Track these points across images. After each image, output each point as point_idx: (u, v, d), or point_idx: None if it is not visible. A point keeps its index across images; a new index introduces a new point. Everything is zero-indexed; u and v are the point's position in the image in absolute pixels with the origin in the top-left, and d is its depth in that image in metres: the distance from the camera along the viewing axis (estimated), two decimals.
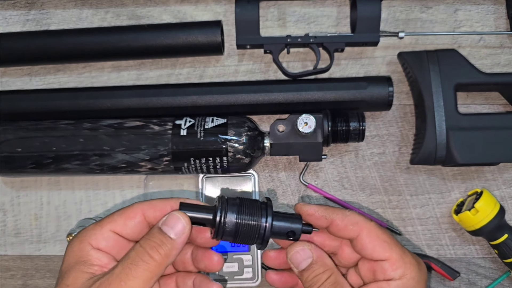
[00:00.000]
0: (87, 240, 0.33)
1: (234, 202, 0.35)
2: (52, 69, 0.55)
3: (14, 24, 0.55)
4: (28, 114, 0.51)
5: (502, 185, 0.52)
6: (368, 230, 0.36)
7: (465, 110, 0.53)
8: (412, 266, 0.35)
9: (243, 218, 0.34)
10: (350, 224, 0.36)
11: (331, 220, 0.36)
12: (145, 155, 0.47)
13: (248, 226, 0.34)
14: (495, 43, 0.53)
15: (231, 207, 0.35)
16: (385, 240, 0.35)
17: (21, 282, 0.55)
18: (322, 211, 0.36)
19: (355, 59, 0.53)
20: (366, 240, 0.35)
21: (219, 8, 0.54)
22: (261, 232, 0.34)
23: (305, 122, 0.47)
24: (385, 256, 0.35)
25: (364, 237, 0.36)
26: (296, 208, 0.38)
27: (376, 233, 0.36)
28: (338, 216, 0.36)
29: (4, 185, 0.55)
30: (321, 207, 0.37)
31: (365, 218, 0.36)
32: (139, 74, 0.54)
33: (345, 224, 0.36)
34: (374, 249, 0.35)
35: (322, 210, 0.36)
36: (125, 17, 0.54)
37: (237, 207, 0.35)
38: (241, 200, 0.36)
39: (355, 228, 0.36)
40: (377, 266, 0.35)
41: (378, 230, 0.36)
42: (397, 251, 0.35)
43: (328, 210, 0.37)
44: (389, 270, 0.35)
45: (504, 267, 0.52)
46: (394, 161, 0.53)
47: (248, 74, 0.54)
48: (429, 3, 0.53)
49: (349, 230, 0.36)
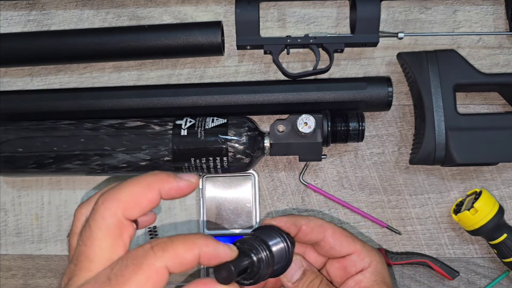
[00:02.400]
0: None
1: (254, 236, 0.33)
2: (53, 70, 0.55)
3: (15, 24, 0.55)
4: (29, 114, 0.51)
5: (501, 185, 0.52)
6: (332, 229, 0.38)
7: (464, 110, 0.53)
8: (373, 252, 0.38)
9: (274, 244, 0.33)
10: (315, 226, 0.38)
11: (299, 226, 0.37)
12: (146, 155, 0.47)
13: (280, 250, 0.34)
14: (494, 44, 0.53)
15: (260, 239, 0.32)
16: (347, 235, 0.38)
17: (22, 281, 0.55)
18: (290, 220, 0.38)
19: (355, 60, 0.53)
20: (332, 238, 0.38)
21: (219, 8, 0.54)
22: (287, 251, 0.34)
23: (305, 122, 0.48)
24: (351, 249, 0.38)
25: (329, 236, 0.38)
26: (265, 224, 0.38)
27: (339, 231, 0.38)
28: (304, 221, 0.38)
29: (5, 184, 0.55)
30: (288, 217, 0.38)
31: (326, 221, 0.39)
32: (140, 75, 0.54)
33: (311, 227, 0.38)
34: (341, 245, 0.38)
35: (290, 219, 0.38)
36: (125, 18, 0.54)
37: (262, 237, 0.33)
38: (253, 233, 0.34)
39: (320, 229, 0.38)
40: (347, 262, 0.38)
41: (340, 228, 0.39)
42: (359, 243, 0.38)
43: (294, 217, 0.38)
44: (358, 261, 0.37)
45: (503, 267, 0.52)
46: (394, 161, 0.53)
47: (248, 74, 0.54)
48: (428, 3, 0.53)
49: (315, 232, 0.38)
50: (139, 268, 0.26)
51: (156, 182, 0.29)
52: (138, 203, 0.28)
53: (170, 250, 0.27)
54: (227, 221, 0.52)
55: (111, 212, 0.27)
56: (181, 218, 0.54)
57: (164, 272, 0.26)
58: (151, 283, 0.26)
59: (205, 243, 0.28)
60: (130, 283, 0.25)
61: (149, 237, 0.53)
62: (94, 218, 0.27)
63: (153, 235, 0.53)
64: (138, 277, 0.26)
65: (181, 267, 0.27)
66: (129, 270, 0.26)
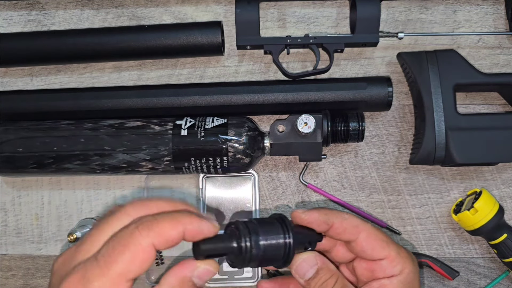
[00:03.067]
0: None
1: (253, 225, 0.32)
2: (53, 70, 0.55)
3: (15, 24, 0.55)
4: (29, 114, 0.51)
5: (501, 185, 0.52)
6: (367, 232, 0.36)
7: (464, 110, 0.53)
8: (408, 260, 0.36)
9: (268, 239, 0.32)
10: (350, 227, 0.36)
11: (331, 224, 0.36)
12: (146, 155, 0.47)
13: (274, 246, 0.32)
14: (494, 44, 0.53)
15: (253, 230, 0.32)
16: (382, 239, 0.36)
17: (22, 281, 0.55)
18: (322, 217, 0.36)
19: (355, 60, 0.53)
20: (365, 242, 0.36)
21: (219, 8, 0.54)
22: (287, 249, 0.33)
23: (305, 122, 0.48)
24: (383, 255, 0.36)
25: (363, 239, 0.36)
26: (294, 217, 0.36)
27: (375, 234, 0.36)
28: (338, 219, 0.36)
29: (5, 184, 0.55)
30: (320, 213, 0.36)
31: (362, 221, 0.37)
32: (140, 75, 0.54)
33: (344, 227, 0.36)
34: (373, 250, 0.36)
35: (322, 216, 0.36)
36: (125, 18, 0.54)
37: (260, 229, 0.32)
38: (259, 221, 0.33)
39: (354, 230, 0.36)
40: (376, 265, 0.36)
41: (376, 230, 0.37)
42: (394, 248, 0.36)
43: (328, 214, 0.36)
44: (388, 268, 0.36)
45: (503, 267, 0.52)
46: (394, 161, 0.53)
47: (248, 74, 0.54)
48: (428, 3, 0.53)
49: (348, 233, 0.36)
50: (126, 248, 0.27)
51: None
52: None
53: (155, 229, 0.28)
54: (227, 221, 0.52)
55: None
56: None
57: (150, 250, 0.27)
58: (138, 261, 0.27)
59: (189, 220, 0.29)
60: (117, 263, 0.26)
61: None
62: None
63: None
64: (125, 256, 0.27)
65: (166, 244, 0.28)
66: (116, 251, 0.27)
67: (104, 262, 0.27)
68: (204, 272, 0.30)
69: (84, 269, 0.27)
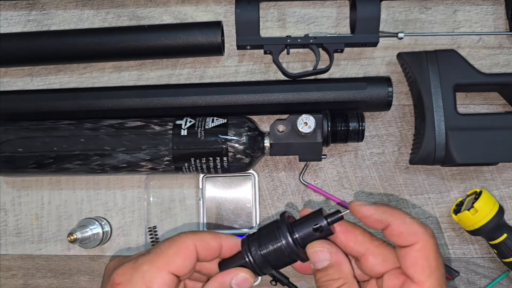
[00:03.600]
0: (146, 284, 0.31)
1: (253, 237, 0.34)
2: (53, 70, 0.55)
3: (15, 24, 0.55)
4: (29, 114, 0.51)
5: (501, 185, 0.52)
6: (422, 245, 0.32)
7: (464, 110, 0.53)
8: None
9: (265, 248, 0.33)
10: (407, 233, 0.32)
11: (386, 224, 0.33)
12: (146, 155, 0.47)
13: (274, 252, 0.33)
14: (494, 44, 0.53)
15: (251, 243, 0.33)
16: (429, 265, 0.32)
17: (22, 281, 0.55)
18: (379, 214, 0.33)
19: (355, 60, 0.53)
20: (413, 254, 0.32)
21: (219, 9, 0.54)
22: (288, 250, 0.33)
23: (305, 122, 0.48)
24: (419, 279, 0.31)
25: (413, 250, 0.32)
26: (352, 208, 0.34)
27: (427, 253, 0.32)
28: (396, 221, 0.32)
29: (5, 184, 0.55)
30: (379, 209, 0.33)
31: (424, 230, 0.32)
32: (140, 75, 0.54)
33: (401, 232, 0.32)
34: (414, 267, 0.32)
35: (379, 213, 0.33)
36: (125, 18, 0.54)
37: (257, 241, 0.33)
38: (259, 231, 0.34)
39: (410, 238, 0.32)
40: (404, 286, 0.32)
41: (431, 250, 0.32)
42: (432, 282, 0.31)
43: (386, 213, 0.33)
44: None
45: (503, 267, 0.52)
46: (394, 161, 0.53)
47: (248, 74, 0.54)
48: (428, 3, 0.53)
49: (403, 239, 0.32)
50: (173, 243, 0.32)
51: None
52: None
53: (199, 235, 0.33)
54: (227, 221, 0.52)
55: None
56: (181, 218, 0.54)
57: (192, 249, 0.32)
58: (181, 256, 0.32)
59: (226, 236, 0.34)
60: (165, 254, 0.32)
61: (149, 237, 0.53)
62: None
63: (153, 235, 0.53)
64: (172, 250, 0.32)
65: (206, 251, 0.33)
66: (165, 245, 0.32)
67: (154, 253, 0.32)
68: (242, 280, 0.33)
69: (136, 258, 0.32)
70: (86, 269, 0.55)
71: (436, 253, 0.32)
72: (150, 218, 0.54)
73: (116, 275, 0.32)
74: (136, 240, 0.54)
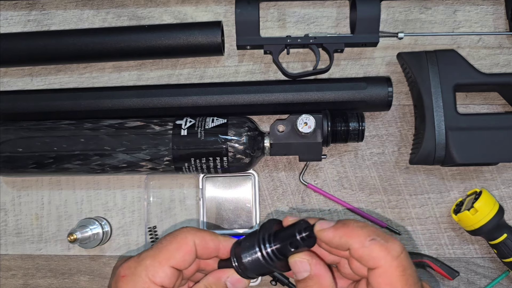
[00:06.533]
0: (148, 277, 0.33)
1: (239, 244, 0.34)
2: (53, 70, 0.55)
3: (15, 24, 0.55)
4: (29, 114, 0.51)
5: (501, 185, 0.52)
6: (384, 270, 0.30)
7: (464, 110, 0.53)
8: None
9: (247, 256, 0.33)
10: (367, 258, 0.30)
11: (347, 247, 0.31)
12: (146, 155, 0.47)
13: (254, 261, 0.33)
14: (494, 44, 0.53)
15: (237, 249, 0.34)
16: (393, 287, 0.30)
17: (22, 281, 0.55)
18: (337, 239, 0.31)
19: (355, 60, 0.53)
20: (376, 280, 0.30)
21: (219, 9, 0.54)
22: (264, 262, 0.32)
23: (304, 122, 0.48)
24: None
25: (375, 275, 0.30)
26: (316, 233, 0.33)
27: (390, 278, 0.30)
28: (355, 245, 0.31)
29: (5, 184, 0.55)
30: (338, 231, 0.31)
31: (385, 253, 0.30)
32: (140, 75, 0.54)
33: (360, 256, 0.31)
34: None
35: (338, 237, 0.31)
36: (125, 18, 0.54)
37: (240, 248, 0.33)
38: (245, 238, 0.34)
39: (371, 263, 0.30)
40: None
41: (394, 274, 0.30)
42: None
43: (345, 236, 0.31)
44: None
45: (503, 267, 0.52)
46: (394, 161, 0.53)
47: (248, 74, 0.54)
48: (428, 4, 0.53)
49: (364, 263, 0.31)
50: (174, 239, 0.34)
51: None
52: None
53: (199, 233, 0.35)
54: (227, 221, 0.52)
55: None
56: (181, 218, 0.54)
57: (192, 245, 0.34)
58: (182, 251, 0.33)
59: (224, 238, 0.36)
60: (166, 249, 0.33)
61: (149, 237, 0.53)
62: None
63: (153, 235, 0.53)
64: (173, 245, 0.34)
65: (205, 249, 0.34)
66: (167, 240, 0.34)
67: (157, 248, 0.34)
68: (236, 280, 0.35)
69: (140, 254, 0.34)
70: (86, 269, 0.55)
71: (401, 275, 0.30)
72: (150, 218, 0.54)
73: (121, 268, 0.34)
74: (136, 240, 0.54)
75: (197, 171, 0.49)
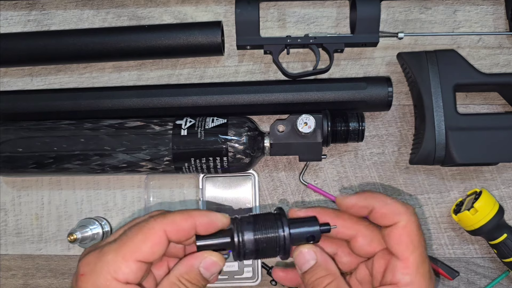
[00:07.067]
0: (110, 274, 0.30)
1: (248, 220, 0.34)
2: (53, 70, 0.55)
3: (15, 24, 0.55)
4: (29, 114, 0.51)
5: (501, 185, 0.52)
6: (405, 223, 0.33)
7: (464, 110, 0.53)
8: (423, 278, 0.33)
9: (261, 233, 0.33)
10: (390, 213, 0.34)
11: (371, 208, 0.34)
12: (146, 155, 0.47)
13: (267, 240, 0.33)
14: (494, 44, 0.53)
15: (246, 225, 0.33)
16: (412, 241, 0.33)
17: (22, 281, 0.55)
18: (361, 201, 0.35)
19: (355, 60, 0.53)
20: (397, 232, 0.33)
21: (219, 8, 0.54)
22: (281, 243, 0.33)
23: (304, 122, 0.48)
24: (403, 255, 0.33)
25: (397, 228, 0.33)
26: (338, 203, 0.36)
27: (409, 230, 0.33)
28: (378, 204, 0.34)
29: (5, 184, 0.55)
30: (361, 196, 0.35)
31: (405, 209, 0.34)
32: (140, 75, 0.54)
33: (384, 212, 0.34)
34: (398, 244, 0.33)
35: (361, 200, 0.35)
36: (125, 18, 0.54)
37: (252, 225, 0.34)
38: (255, 216, 0.35)
39: (393, 218, 0.34)
40: (390, 264, 0.34)
41: (413, 227, 0.33)
42: (416, 257, 0.33)
43: (368, 198, 0.35)
44: (399, 272, 0.33)
45: (503, 267, 0.52)
46: (394, 161, 0.53)
47: (248, 74, 0.54)
48: (428, 3, 0.53)
49: (386, 219, 0.34)
50: (140, 230, 0.31)
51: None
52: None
53: (169, 218, 0.32)
54: None
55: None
56: None
57: (162, 235, 0.31)
58: (149, 243, 0.31)
59: (200, 213, 0.33)
60: (131, 242, 0.30)
61: None
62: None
63: None
64: (139, 237, 0.31)
65: (178, 233, 0.32)
66: (132, 232, 0.31)
67: (120, 241, 0.31)
68: (210, 263, 0.32)
69: (102, 247, 0.31)
70: None
71: (418, 230, 0.34)
72: None
73: (81, 265, 0.31)
74: None
75: (197, 171, 0.49)
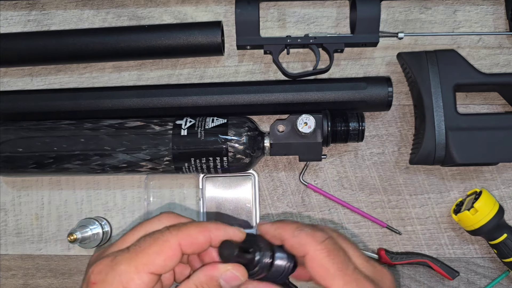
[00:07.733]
0: (122, 285, 0.29)
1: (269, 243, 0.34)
2: (53, 70, 0.55)
3: (15, 24, 0.55)
4: (30, 114, 0.51)
5: (501, 185, 0.52)
6: (312, 255, 0.32)
7: (464, 110, 0.53)
8: None
9: (281, 259, 0.33)
10: (297, 245, 0.33)
11: (282, 239, 0.34)
12: (146, 155, 0.47)
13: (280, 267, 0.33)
14: (494, 44, 0.53)
15: (271, 248, 0.33)
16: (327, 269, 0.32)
17: (22, 281, 0.55)
18: (273, 231, 0.34)
19: (355, 60, 0.53)
20: (309, 264, 0.32)
21: (219, 9, 0.54)
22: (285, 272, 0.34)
23: (304, 122, 0.48)
24: (325, 284, 0.32)
25: (308, 260, 0.32)
26: (258, 228, 0.36)
27: (319, 261, 0.32)
28: (287, 236, 0.33)
29: (5, 184, 0.55)
30: (272, 226, 0.34)
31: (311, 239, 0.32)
32: (140, 75, 0.54)
33: (292, 245, 0.33)
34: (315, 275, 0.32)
35: (272, 230, 0.34)
36: (125, 18, 0.54)
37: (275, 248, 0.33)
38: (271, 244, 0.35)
39: (300, 250, 0.33)
40: None
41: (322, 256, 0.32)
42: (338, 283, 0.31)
43: (279, 229, 0.34)
44: None
45: (503, 267, 0.52)
46: (394, 161, 0.53)
47: (248, 74, 0.54)
48: (428, 3, 0.53)
49: (296, 251, 0.33)
50: (155, 242, 0.30)
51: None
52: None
53: (184, 230, 0.31)
54: (227, 221, 0.52)
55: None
56: None
57: (176, 248, 0.30)
58: (163, 256, 0.30)
59: (216, 227, 0.32)
60: (145, 253, 0.30)
61: None
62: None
63: None
64: (152, 249, 0.30)
65: (193, 246, 0.31)
66: (146, 243, 0.30)
67: (134, 251, 0.30)
68: (231, 276, 0.32)
69: (114, 255, 0.30)
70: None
71: (329, 257, 0.32)
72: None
73: (92, 273, 0.30)
74: None
75: (197, 171, 0.49)
